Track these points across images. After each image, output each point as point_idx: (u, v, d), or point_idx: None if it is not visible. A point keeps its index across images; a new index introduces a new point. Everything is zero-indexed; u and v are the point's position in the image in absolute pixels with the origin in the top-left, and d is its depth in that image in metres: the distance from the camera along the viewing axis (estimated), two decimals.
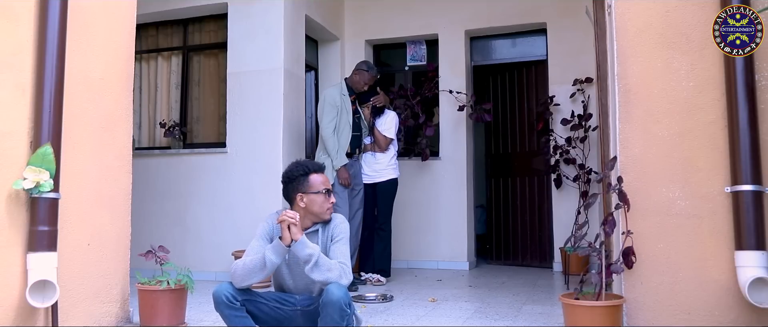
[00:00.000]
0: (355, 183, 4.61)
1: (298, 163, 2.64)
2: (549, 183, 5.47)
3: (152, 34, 5.54)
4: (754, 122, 2.52)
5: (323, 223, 2.59)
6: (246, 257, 2.48)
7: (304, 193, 2.55)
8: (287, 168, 2.64)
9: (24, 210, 2.54)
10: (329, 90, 4.66)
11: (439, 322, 3.19)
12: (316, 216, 2.57)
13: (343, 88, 4.64)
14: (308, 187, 2.57)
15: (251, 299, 2.51)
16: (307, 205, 2.55)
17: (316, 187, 2.57)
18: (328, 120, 4.48)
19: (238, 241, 4.73)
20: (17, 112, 2.56)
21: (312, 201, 2.55)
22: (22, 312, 2.52)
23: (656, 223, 2.68)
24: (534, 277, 4.95)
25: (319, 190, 2.56)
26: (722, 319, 2.56)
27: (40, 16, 2.63)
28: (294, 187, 2.58)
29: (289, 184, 2.60)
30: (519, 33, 5.78)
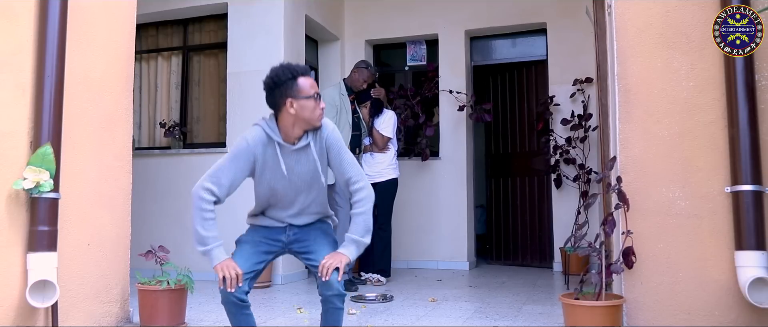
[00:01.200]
0: None
1: (283, 66, 2.39)
2: (549, 183, 5.47)
3: (152, 34, 5.54)
4: (754, 122, 2.52)
5: (313, 132, 2.40)
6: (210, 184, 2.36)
7: (294, 99, 2.33)
8: (271, 72, 2.39)
9: (24, 210, 2.54)
10: (328, 90, 4.66)
11: (439, 322, 3.19)
12: (307, 122, 2.37)
13: (342, 88, 4.64)
14: (298, 92, 2.34)
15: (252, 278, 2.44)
16: (297, 112, 2.34)
17: (306, 92, 2.35)
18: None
19: None
20: (17, 112, 2.56)
21: (303, 106, 2.34)
22: (22, 312, 2.52)
23: (656, 223, 2.68)
24: (534, 277, 4.95)
25: (310, 94, 2.34)
26: (722, 319, 2.56)
27: (40, 16, 2.63)
28: (282, 91, 2.35)
29: (276, 89, 2.38)
30: (519, 33, 5.78)
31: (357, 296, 3.95)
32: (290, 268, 4.79)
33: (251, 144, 2.40)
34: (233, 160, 2.41)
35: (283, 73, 2.37)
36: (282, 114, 2.39)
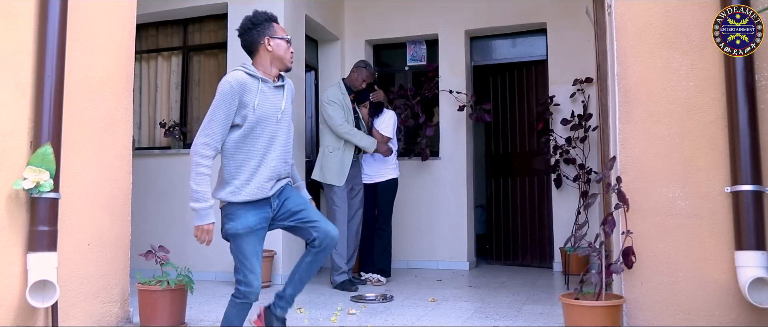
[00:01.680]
0: (354, 183, 4.61)
1: (257, 12, 2.68)
2: (549, 183, 5.47)
3: (152, 34, 5.54)
4: (754, 122, 2.52)
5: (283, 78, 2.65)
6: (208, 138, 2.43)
7: (271, 37, 2.60)
8: (247, 17, 2.67)
9: (24, 210, 2.54)
10: (329, 90, 4.66)
11: (439, 322, 3.19)
12: (281, 61, 2.61)
13: (342, 88, 4.64)
14: (274, 32, 2.62)
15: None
16: (274, 49, 2.59)
17: (280, 33, 2.64)
18: (340, 116, 4.47)
19: None
20: (17, 112, 2.56)
21: (278, 44, 2.61)
22: (22, 312, 2.52)
23: (656, 223, 2.68)
24: (534, 277, 4.95)
25: (283, 35, 2.63)
26: (722, 319, 2.56)
27: (40, 16, 2.63)
28: (260, 31, 2.61)
29: (253, 29, 2.62)
30: (519, 33, 5.78)
31: (357, 296, 3.96)
32: (290, 267, 4.78)
33: (235, 85, 2.48)
34: (222, 106, 2.46)
35: (260, 15, 2.66)
36: (259, 53, 2.62)
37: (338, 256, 4.43)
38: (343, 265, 4.45)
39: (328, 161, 4.48)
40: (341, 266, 4.44)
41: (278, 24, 2.69)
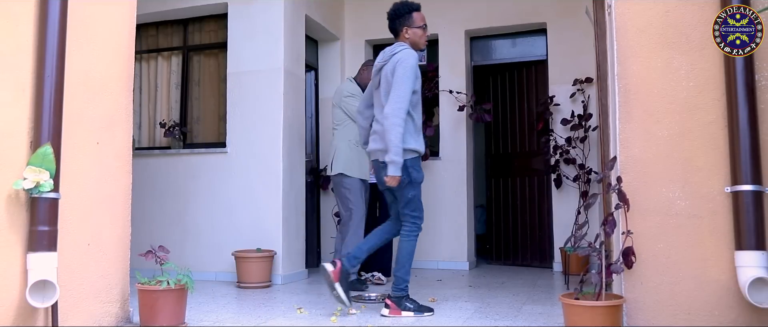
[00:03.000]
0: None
1: (402, 2, 3.39)
2: (549, 183, 5.47)
3: (152, 34, 5.54)
4: (754, 122, 2.52)
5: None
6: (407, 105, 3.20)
7: (409, 27, 3.37)
8: (393, 6, 3.39)
9: (24, 210, 2.54)
10: (344, 85, 4.63)
11: (439, 322, 3.19)
12: (416, 45, 3.40)
13: (354, 84, 4.63)
14: (412, 22, 3.38)
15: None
16: (411, 37, 3.39)
17: (417, 22, 3.39)
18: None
19: (238, 240, 4.74)
20: (17, 112, 2.56)
21: (414, 33, 3.40)
22: (22, 312, 2.52)
23: (656, 223, 2.68)
24: (534, 277, 4.95)
25: (420, 25, 3.40)
26: (722, 319, 2.56)
27: (40, 16, 2.63)
28: (401, 22, 3.38)
29: (396, 20, 3.38)
30: (519, 33, 5.78)
31: (357, 296, 3.95)
32: (290, 267, 4.79)
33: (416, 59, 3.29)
34: (411, 75, 3.22)
35: (402, 7, 3.39)
36: (400, 38, 3.40)
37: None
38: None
39: (353, 154, 4.41)
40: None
41: (419, 12, 3.41)
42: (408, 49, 3.30)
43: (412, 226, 3.35)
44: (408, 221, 3.36)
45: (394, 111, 3.14)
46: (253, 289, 4.36)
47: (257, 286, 4.42)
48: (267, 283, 4.50)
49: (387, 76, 3.30)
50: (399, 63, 3.24)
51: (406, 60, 3.22)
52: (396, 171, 3.14)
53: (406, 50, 3.29)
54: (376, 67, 3.44)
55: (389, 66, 3.31)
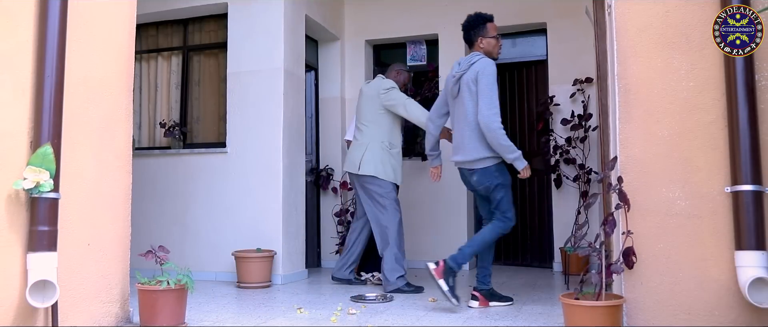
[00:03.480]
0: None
1: (476, 14, 3.68)
2: (549, 183, 5.47)
3: (152, 34, 5.54)
4: (754, 122, 2.51)
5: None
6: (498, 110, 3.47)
7: (483, 37, 3.62)
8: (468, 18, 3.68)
9: (24, 210, 2.54)
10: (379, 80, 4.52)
11: (439, 322, 3.19)
12: (490, 54, 3.63)
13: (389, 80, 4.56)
14: (486, 32, 3.63)
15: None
16: (485, 47, 3.63)
17: (491, 32, 3.65)
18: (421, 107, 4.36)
19: (238, 240, 4.74)
20: (17, 112, 2.56)
21: (489, 43, 3.65)
22: (22, 312, 2.52)
23: (656, 223, 2.67)
24: (534, 277, 4.95)
25: (494, 34, 3.64)
26: (722, 319, 2.56)
27: (40, 16, 2.63)
28: (476, 32, 3.62)
29: (471, 30, 3.65)
30: (519, 33, 5.78)
31: (357, 296, 3.96)
32: (290, 267, 4.79)
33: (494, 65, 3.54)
34: (495, 82, 3.46)
35: (477, 19, 3.67)
36: (475, 47, 3.65)
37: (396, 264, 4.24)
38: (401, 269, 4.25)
39: (386, 157, 4.34)
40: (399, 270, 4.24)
41: (492, 22, 3.67)
42: (485, 58, 3.51)
43: (500, 223, 3.58)
44: (498, 219, 3.59)
45: (491, 117, 3.39)
46: (253, 289, 4.36)
47: (257, 286, 4.42)
48: (267, 283, 4.50)
49: (468, 84, 3.51)
50: (481, 72, 3.43)
51: (487, 68, 3.45)
52: (522, 163, 3.49)
53: (485, 59, 3.51)
54: (454, 76, 3.61)
55: (470, 75, 3.50)
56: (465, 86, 3.53)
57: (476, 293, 3.59)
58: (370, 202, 4.37)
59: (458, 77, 3.57)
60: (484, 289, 3.64)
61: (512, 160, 3.46)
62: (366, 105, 4.45)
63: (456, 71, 3.61)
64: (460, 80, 3.56)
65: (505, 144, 3.41)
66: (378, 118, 4.39)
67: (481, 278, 3.66)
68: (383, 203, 4.30)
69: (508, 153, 3.43)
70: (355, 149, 4.44)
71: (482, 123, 3.41)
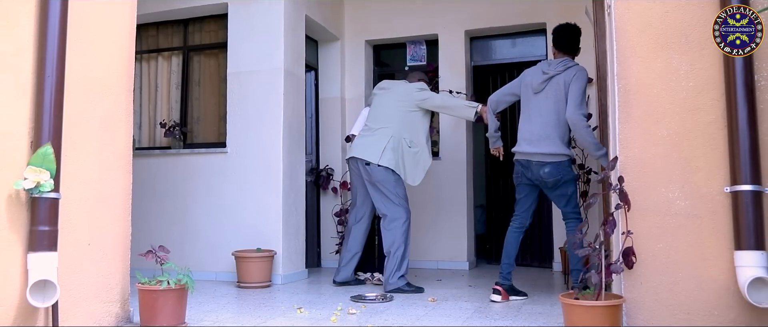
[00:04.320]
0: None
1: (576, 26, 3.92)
2: None
3: (152, 34, 5.54)
4: (753, 122, 2.52)
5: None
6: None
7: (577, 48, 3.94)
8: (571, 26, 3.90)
9: (24, 210, 2.55)
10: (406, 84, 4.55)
11: (439, 322, 3.19)
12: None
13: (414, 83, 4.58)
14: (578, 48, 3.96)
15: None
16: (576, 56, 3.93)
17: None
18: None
19: (238, 240, 4.74)
20: (17, 112, 2.56)
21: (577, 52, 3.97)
22: (22, 312, 2.52)
23: (656, 223, 2.68)
24: (534, 277, 4.95)
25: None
26: (722, 319, 2.56)
27: (41, 16, 2.63)
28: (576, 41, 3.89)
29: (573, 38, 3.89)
30: (519, 33, 5.78)
31: (357, 296, 3.96)
32: (290, 267, 4.79)
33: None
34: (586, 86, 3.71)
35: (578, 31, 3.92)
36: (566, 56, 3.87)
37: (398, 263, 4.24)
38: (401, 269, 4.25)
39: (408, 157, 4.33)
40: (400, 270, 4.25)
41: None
42: (581, 66, 3.76)
43: (577, 222, 3.74)
44: (572, 218, 3.78)
45: (581, 117, 3.59)
46: (253, 289, 4.36)
47: (257, 286, 4.43)
48: (267, 283, 4.50)
49: (559, 84, 3.70)
50: (578, 76, 3.67)
51: (585, 74, 3.71)
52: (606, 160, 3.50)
53: (581, 66, 3.75)
54: (546, 74, 3.77)
55: (566, 75, 3.70)
56: (555, 85, 3.71)
57: (498, 288, 3.77)
58: (378, 195, 4.31)
59: (550, 76, 3.74)
60: (506, 284, 3.81)
61: (599, 157, 3.62)
62: (391, 103, 4.41)
63: (545, 69, 3.78)
64: (551, 79, 3.74)
65: (591, 140, 3.62)
66: (402, 116, 4.36)
67: (505, 274, 3.83)
68: (393, 199, 4.28)
69: (596, 150, 3.61)
70: (376, 140, 4.32)
71: (574, 120, 3.60)
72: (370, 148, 4.31)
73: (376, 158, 4.26)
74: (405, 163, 4.33)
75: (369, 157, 4.29)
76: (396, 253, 4.21)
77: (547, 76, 3.76)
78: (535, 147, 3.73)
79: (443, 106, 4.47)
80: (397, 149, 4.30)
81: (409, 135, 4.35)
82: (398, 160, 4.30)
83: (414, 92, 4.40)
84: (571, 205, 3.78)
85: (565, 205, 3.78)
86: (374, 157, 4.26)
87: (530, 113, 3.82)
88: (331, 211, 5.63)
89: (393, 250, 4.22)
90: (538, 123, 3.74)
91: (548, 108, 3.72)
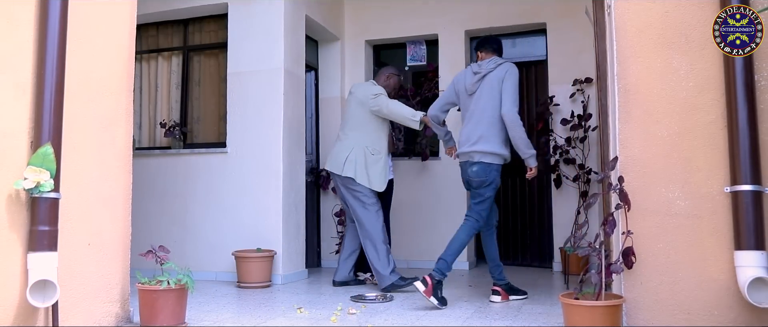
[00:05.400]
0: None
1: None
2: (549, 183, 5.47)
3: (152, 34, 5.54)
4: (753, 122, 2.52)
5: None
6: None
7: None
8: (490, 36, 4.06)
9: (24, 210, 2.55)
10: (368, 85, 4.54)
11: (439, 322, 3.19)
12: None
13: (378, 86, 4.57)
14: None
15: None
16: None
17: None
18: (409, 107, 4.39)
19: (238, 240, 4.74)
20: (17, 112, 2.56)
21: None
22: (22, 312, 2.52)
23: (656, 223, 2.68)
24: (534, 277, 4.95)
25: None
26: (722, 319, 2.56)
27: (41, 16, 2.63)
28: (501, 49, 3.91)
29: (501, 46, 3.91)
30: (519, 33, 5.78)
31: (357, 296, 3.96)
32: (290, 267, 4.79)
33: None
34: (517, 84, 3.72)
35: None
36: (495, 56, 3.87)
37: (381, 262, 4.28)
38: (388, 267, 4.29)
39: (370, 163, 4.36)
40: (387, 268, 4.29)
41: None
42: (512, 63, 3.76)
43: (474, 223, 3.74)
44: (472, 218, 3.75)
45: (515, 114, 3.63)
46: (253, 289, 4.36)
47: (257, 286, 4.43)
48: (267, 283, 4.50)
49: (492, 82, 3.70)
50: (509, 73, 3.69)
51: (515, 70, 3.72)
52: (535, 162, 3.75)
53: (512, 63, 3.75)
54: (478, 74, 3.76)
55: (497, 73, 3.70)
56: (488, 84, 3.70)
57: (497, 288, 3.77)
58: (352, 201, 4.41)
59: (483, 75, 3.73)
60: (503, 283, 3.80)
61: (528, 156, 3.68)
62: (355, 108, 4.47)
63: (477, 70, 3.77)
64: (484, 78, 3.73)
65: (524, 137, 3.66)
66: (364, 122, 4.41)
67: (497, 275, 3.81)
68: (365, 202, 4.35)
69: (526, 148, 3.66)
70: (340, 150, 4.44)
71: (508, 117, 3.62)
72: (335, 159, 4.43)
73: (339, 169, 4.37)
74: (368, 172, 4.36)
75: (333, 167, 4.42)
76: (378, 249, 4.25)
77: (479, 76, 3.75)
78: (467, 146, 3.74)
79: (390, 114, 4.36)
80: (359, 157, 4.36)
81: (370, 142, 4.40)
82: (358, 168, 4.34)
83: (369, 98, 4.41)
84: (480, 206, 3.73)
85: (477, 203, 3.74)
86: (338, 167, 4.39)
87: (467, 115, 3.82)
88: (331, 211, 5.63)
89: (372, 250, 4.29)
90: (475, 123, 3.74)
91: (484, 107, 3.71)
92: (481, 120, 3.71)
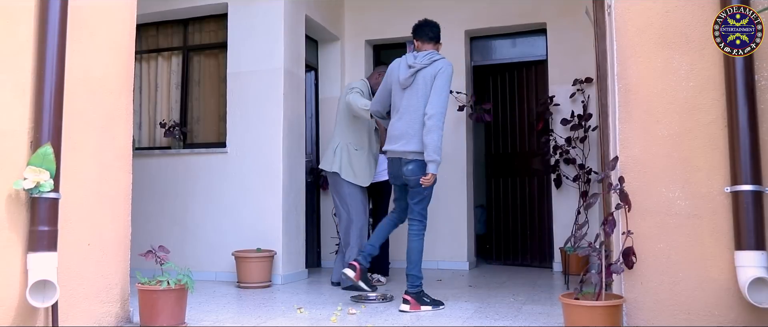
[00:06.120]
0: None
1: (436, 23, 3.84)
2: (549, 183, 5.47)
3: (152, 34, 5.54)
4: (753, 122, 2.52)
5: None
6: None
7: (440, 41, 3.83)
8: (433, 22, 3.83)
9: (24, 210, 2.55)
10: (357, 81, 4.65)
11: (439, 322, 3.19)
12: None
13: (367, 85, 4.60)
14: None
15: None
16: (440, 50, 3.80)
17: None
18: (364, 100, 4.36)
19: (238, 240, 4.74)
20: (17, 112, 2.56)
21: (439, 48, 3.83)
22: (22, 312, 2.52)
23: (656, 223, 2.68)
24: (534, 277, 4.95)
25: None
26: (722, 319, 2.56)
27: (40, 16, 2.63)
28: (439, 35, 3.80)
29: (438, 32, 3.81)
30: (519, 33, 5.78)
31: (357, 296, 3.95)
32: (290, 267, 4.79)
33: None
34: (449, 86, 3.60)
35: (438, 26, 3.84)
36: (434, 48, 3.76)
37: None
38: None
39: (354, 160, 4.42)
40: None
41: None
42: (447, 60, 3.61)
43: (420, 224, 3.66)
44: (416, 220, 3.67)
45: (438, 114, 3.44)
46: (253, 289, 4.36)
47: (257, 286, 4.43)
48: (267, 283, 4.50)
49: (426, 78, 3.54)
50: (443, 70, 3.53)
51: (450, 68, 3.57)
52: (436, 169, 3.48)
53: (447, 60, 3.61)
54: (412, 68, 3.61)
55: (431, 70, 3.55)
56: (422, 80, 3.56)
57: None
58: (338, 198, 4.51)
59: (417, 70, 3.59)
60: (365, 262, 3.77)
61: (433, 160, 3.44)
62: (341, 106, 4.58)
63: (412, 63, 3.62)
64: (418, 74, 3.59)
65: (437, 141, 3.44)
66: (346, 119, 4.50)
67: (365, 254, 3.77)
68: (350, 202, 4.42)
69: (434, 151, 3.43)
70: (328, 148, 4.58)
71: (430, 113, 3.45)
72: (325, 157, 4.57)
73: (328, 166, 4.47)
74: (353, 167, 4.42)
75: (323, 165, 4.55)
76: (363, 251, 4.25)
77: (413, 70, 3.60)
78: (401, 145, 3.60)
79: (351, 107, 4.39)
80: (343, 154, 4.44)
81: (353, 138, 4.47)
82: (344, 165, 4.42)
83: (348, 88, 4.52)
84: (421, 205, 3.65)
85: (417, 202, 3.64)
86: (327, 165, 4.48)
87: (399, 109, 3.67)
88: (331, 211, 5.62)
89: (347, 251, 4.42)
90: (407, 119, 3.59)
91: (416, 104, 3.57)
92: (415, 118, 3.54)
